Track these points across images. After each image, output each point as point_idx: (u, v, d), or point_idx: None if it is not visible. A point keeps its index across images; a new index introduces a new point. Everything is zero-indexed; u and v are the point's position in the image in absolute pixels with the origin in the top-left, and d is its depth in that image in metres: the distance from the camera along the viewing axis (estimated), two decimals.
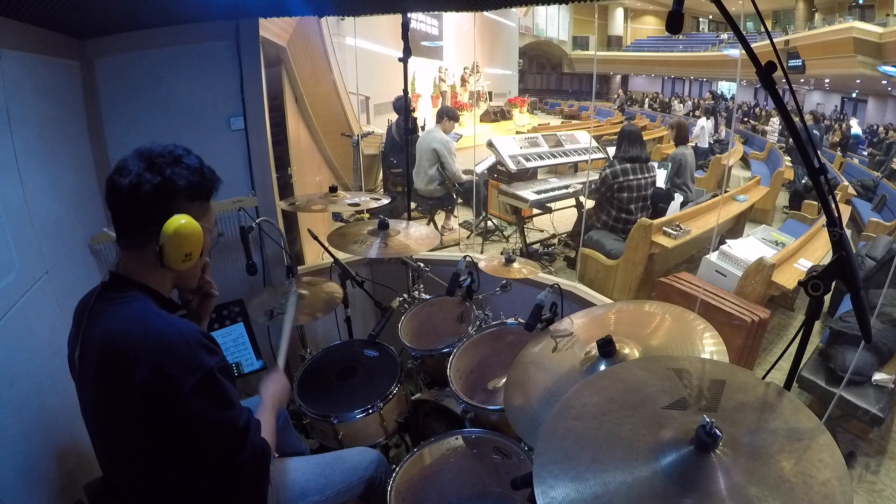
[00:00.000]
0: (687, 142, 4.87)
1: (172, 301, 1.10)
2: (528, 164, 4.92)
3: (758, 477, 0.72)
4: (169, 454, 0.95)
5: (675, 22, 0.87)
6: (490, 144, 4.98)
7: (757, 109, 18.25)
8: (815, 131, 8.37)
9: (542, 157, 5.11)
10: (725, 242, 3.63)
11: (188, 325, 0.97)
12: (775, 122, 12.47)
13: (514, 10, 10.91)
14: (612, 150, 4.42)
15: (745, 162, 9.60)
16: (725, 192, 4.95)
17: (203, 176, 1.02)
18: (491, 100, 14.45)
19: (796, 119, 0.93)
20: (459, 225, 5.19)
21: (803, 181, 6.47)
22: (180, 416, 0.92)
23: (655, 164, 4.12)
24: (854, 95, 16.66)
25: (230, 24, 2.02)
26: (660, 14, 25.41)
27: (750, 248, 3.61)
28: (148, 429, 0.93)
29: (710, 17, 24.13)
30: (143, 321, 0.94)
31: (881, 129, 12.79)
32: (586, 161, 5.46)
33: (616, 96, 22.86)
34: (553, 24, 23.88)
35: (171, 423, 0.92)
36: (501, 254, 2.05)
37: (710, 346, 1.14)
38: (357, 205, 2.16)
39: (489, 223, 4.99)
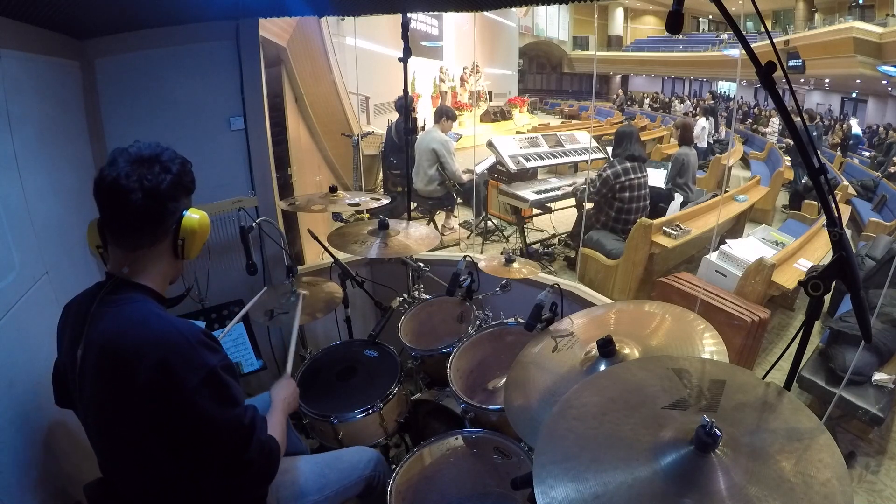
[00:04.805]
0: (691, 142, 4.86)
1: (167, 298, 1.10)
2: (528, 164, 4.93)
3: (758, 477, 0.72)
4: (175, 453, 0.96)
5: (675, 22, 0.87)
6: (490, 144, 4.99)
7: (757, 109, 18.21)
8: (813, 132, 8.37)
9: (542, 157, 5.11)
10: (725, 242, 3.63)
11: (189, 325, 0.98)
12: (775, 122, 12.45)
13: (514, 10, 10.92)
14: (611, 150, 4.41)
15: (745, 162, 9.60)
16: (725, 192, 4.95)
17: (191, 171, 1.06)
18: (491, 100, 14.43)
19: (797, 119, 0.93)
20: (459, 225, 5.18)
21: (803, 181, 6.47)
22: (186, 415, 0.92)
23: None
24: (854, 95, 16.64)
25: (230, 24, 2.02)
26: (660, 14, 25.40)
27: (750, 248, 3.61)
28: (154, 428, 0.93)
29: (710, 17, 24.12)
30: (145, 322, 0.95)
31: (882, 129, 12.77)
32: (586, 161, 5.47)
33: (616, 96, 22.84)
34: (553, 24, 23.86)
35: (177, 423, 0.93)
36: (501, 254, 2.04)
37: (710, 346, 1.15)
38: (357, 205, 2.16)
39: (489, 223, 4.99)
